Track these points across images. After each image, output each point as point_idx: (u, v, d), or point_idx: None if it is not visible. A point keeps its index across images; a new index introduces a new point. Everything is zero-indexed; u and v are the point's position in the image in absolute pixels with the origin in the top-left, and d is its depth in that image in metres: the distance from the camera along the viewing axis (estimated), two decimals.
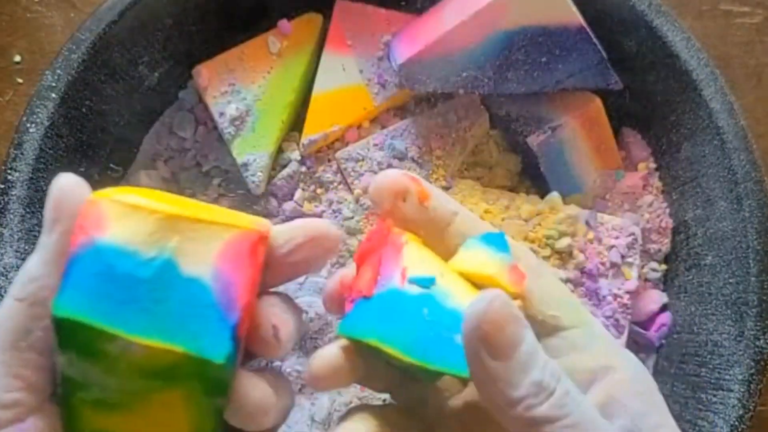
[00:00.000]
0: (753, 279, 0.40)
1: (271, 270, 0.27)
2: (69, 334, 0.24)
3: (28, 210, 0.41)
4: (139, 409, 0.25)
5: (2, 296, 0.40)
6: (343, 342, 0.28)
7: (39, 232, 0.41)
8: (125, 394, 0.25)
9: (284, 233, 0.27)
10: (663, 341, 0.45)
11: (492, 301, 0.24)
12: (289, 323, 0.27)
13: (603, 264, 0.44)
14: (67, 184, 0.26)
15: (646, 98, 0.46)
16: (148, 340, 0.24)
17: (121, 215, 0.25)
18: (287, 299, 0.28)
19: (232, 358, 0.25)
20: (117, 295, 0.24)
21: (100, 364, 0.24)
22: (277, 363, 0.44)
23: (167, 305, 0.24)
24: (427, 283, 0.27)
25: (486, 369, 0.24)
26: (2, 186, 0.41)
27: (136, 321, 0.24)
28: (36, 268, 0.25)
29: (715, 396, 0.40)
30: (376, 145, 0.46)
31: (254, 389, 0.26)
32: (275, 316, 0.27)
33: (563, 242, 0.43)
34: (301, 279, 0.45)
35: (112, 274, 0.24)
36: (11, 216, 0.40)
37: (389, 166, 0.45)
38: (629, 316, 0.44)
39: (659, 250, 0.46)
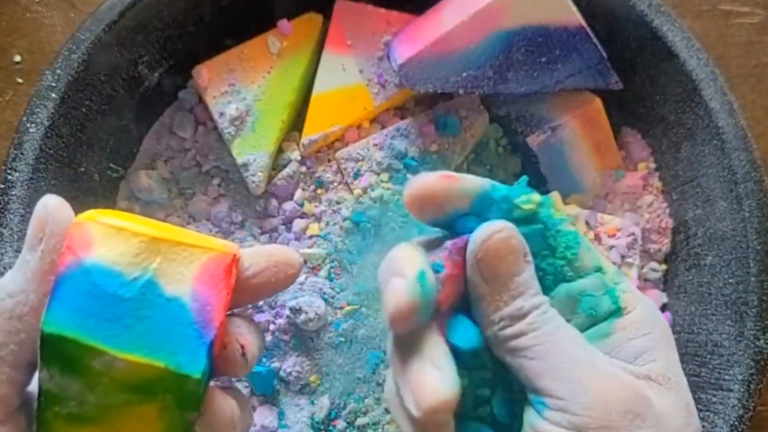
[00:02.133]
0: (753, 279, 0.40)
1: (235, 292, 0.28)
2: (56, 350, 0.25)
3: (28, 210, 0.41)
4: (114, 422, 0.26)
5: None
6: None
7: None
8: (102, 408, 0.26)
9: (249, 257, 0.29)
10: None
11: (495, 233, 0.27)
12: (254, 344, 0.29)
13: None
14: (51, 205, 0.27)
15: (646, 98, 0.46)
16: (131, 355, 0.25)
17: (106, 237, 0.26)
18: (250, 320, 0.30)
19: (207, 374, 0.27)
20: (103, 313, 0.25)
21: (83, 378, 0.25)
22: (277, 364, 0.44)
23: (149, 323, 0.26)
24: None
25: (478, 289, 0.27)
26: (2, 186, 0.41)
27: (120, 337, 0.25)
28: (15, 284, 0.26)
29: (714, 396, 0.40)
30: (376, 145, 0.46)
31: (225, 403, 0.28)
32: (242, 336, 0.29)
33: None
34: (301, 279, 0.45)
35: (98, 293, 0.25)
36: (11, 216, 0.40)
37: (389, 166, 0.45)
38: None
39: (659, 250, 0.46)
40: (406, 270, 0.26)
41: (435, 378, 0.25)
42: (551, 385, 0.26)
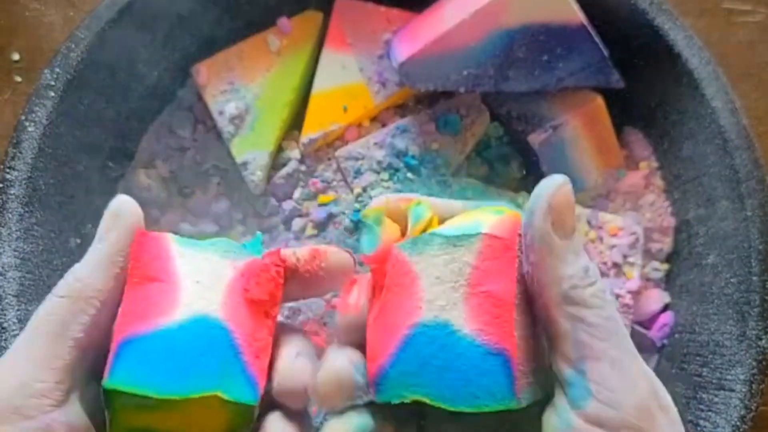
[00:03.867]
0: (755, 279, 0.40)
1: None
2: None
3: (26, 209, 0.40)
4: (180, 408, 0.27)
5: (1, 297, 0.39)
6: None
7: (38, 231, 0.41)
8: (167, 399, 0.26)
9: None
10: (665, 341, 0.45)
11: (563, 184, 0.26)
12: None
13: (605, 263, 0.43)
14: (124, 202, 0.29)
15: (648, 97, 0.46)
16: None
17: None
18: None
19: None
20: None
21: None
22: None
23: None
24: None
25: (547, 242, 0.26)
26: (1, 185, 0.40)
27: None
28: (82, 270, 0.28)
29: (716, 396, 0.40)
30: (376, 143, 0.46)
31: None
32: None
33: None
34: None
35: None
36: (9, 215, 0.40)
37: (389, 165, 0.45)
38: (631, 316, 0.43)
39: (661, 250, 0.46)
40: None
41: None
42: (606, 372, 0.25)
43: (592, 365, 0.25)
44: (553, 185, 0.26)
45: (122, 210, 0.29)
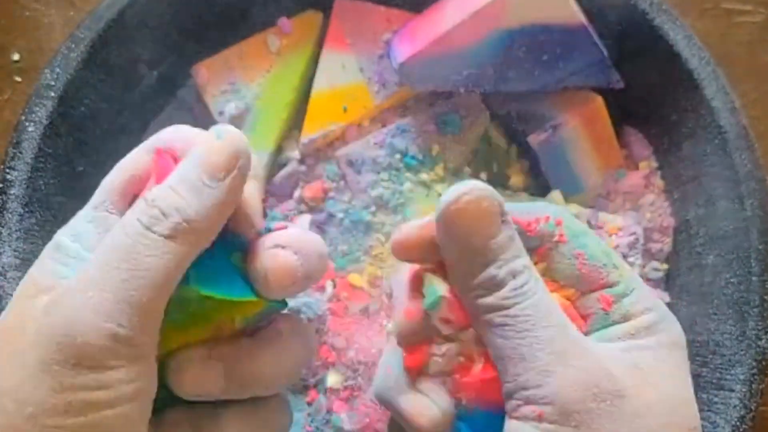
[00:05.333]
0: (755, 279, 0.40)
1: None
2: None
3: (26, 209, 0.40)
4: (215, 313, 0.28)
5: (1, 297, 0.39)
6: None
7: (38, 231, 0.41)
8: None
9: None
10: None
11: (463, 195, 0.26)
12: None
13: None
14: (244, 141, 0.26)
15: (648, 97, 0.46)
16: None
17: None
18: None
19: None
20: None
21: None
22: None
23: None
24: None
25: (447, 256, 0.26)
26: (1, 185, 0.40)
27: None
28: (192, 214, 0.25)
29: (716, 396, 0.40)
30: (376, 143, 0.46)
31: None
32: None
33: None
34: None
35: None
36: (9, 215, 0.40)
37: (389, 165, 0.45)
38: None
39: (661, 250, 0.46)
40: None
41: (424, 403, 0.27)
42: (518, 370, 0.24)
43: (509, 369, 0.25)
44: (446, 200, 0.26)
45: (245, 152, 0.26)
